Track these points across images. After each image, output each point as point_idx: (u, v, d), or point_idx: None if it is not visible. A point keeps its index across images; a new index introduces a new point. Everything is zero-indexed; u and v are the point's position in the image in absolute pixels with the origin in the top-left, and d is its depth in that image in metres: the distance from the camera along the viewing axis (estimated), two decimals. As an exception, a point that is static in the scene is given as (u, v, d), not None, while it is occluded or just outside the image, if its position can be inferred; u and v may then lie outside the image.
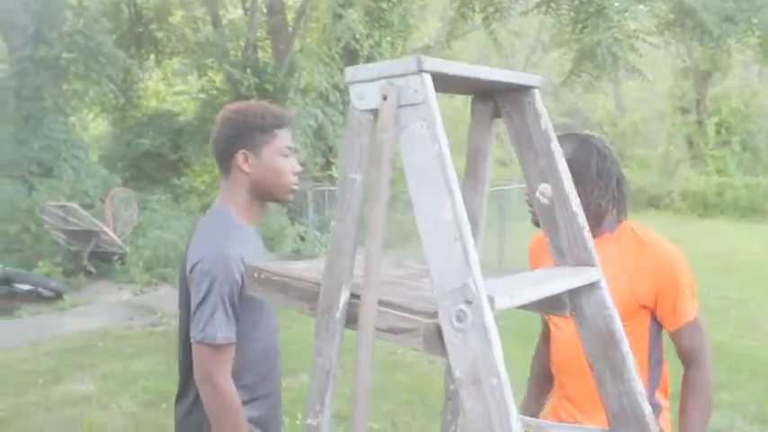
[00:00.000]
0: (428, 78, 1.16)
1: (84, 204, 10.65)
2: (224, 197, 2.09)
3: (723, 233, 15.76)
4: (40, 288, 8.38)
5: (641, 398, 1.37)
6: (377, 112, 1.21)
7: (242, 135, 2.03)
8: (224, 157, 2.07)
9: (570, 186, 1.40)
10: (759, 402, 5.30)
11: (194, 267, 1.91)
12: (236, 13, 18.35)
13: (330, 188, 12.95)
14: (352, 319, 1.24)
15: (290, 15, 16.03)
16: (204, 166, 17.01)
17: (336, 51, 13.39)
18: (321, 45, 14.20)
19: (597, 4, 6.00)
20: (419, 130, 1.15)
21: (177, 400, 2.12)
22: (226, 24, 16.56)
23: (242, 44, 15.33)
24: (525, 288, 1.17)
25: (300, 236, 11.99)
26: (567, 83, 7.53)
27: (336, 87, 13.42)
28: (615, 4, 6.00)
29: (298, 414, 5.03)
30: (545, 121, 1.41)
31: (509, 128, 1.45)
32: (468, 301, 1.08)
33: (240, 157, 2.03)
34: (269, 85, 14.04)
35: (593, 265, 1.39)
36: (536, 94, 1.42)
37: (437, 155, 1.13)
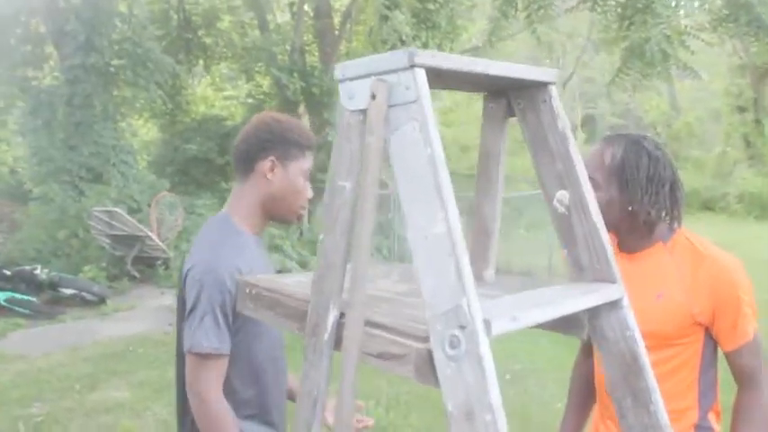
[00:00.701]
0: (421, 74, 1.04)
1: (131, 209, 10.76)
2: (233, 202, 2.03)
3: (782, 236, 15.22)
4: (83, 293, 8.46)
5: (668, 431, 1.22)
6: (367, 113, 1.09)
7: (278, 143, 1.98)
8: (249, 159, 1.99)
9: (590, 193, 1.26)
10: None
11: (187, 275, 1.87)
12: (283, 17, 18.41)
13: (380, 192, 12.83)
14: (342, 342, 1.12)
15: (336, 19, 16.00)
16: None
17: (384, 53, 13.31)
18: (367, 48, 14.13)
19: (645, -1, 5.79)
20: (411, 132, 1.03)
21: (180, 420, 2.04)
22: (273, 29, 16.59)
23: (289, 48, 15.35)
24: (530, 309, 1.04)
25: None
26: (615, 81, 7.28)
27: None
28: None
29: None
30: (562, 121, 1.27)
31: (523, 128, 1.32)
32: (462, 326, 0.95)
33: (268, 163, 1.97)
34: (315, 89, 14.04)
35: (614, 281, 1.24)
36: (552, 90, 1.28)
37: (429, 159, 1.00)
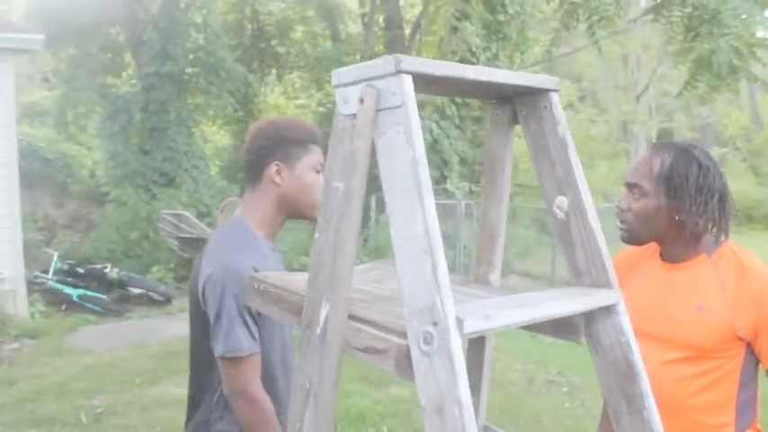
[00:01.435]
0: (407, 79, 1.08)
1: (201, 213, 11.06)
2: (247, 208, 2.04)
3: None
4: (151, 292, 8.76)
5: (661, 438, 1.22)
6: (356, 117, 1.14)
7: (276, 146, 1.98)
8: (255, 168, 2.01)
9: (588, 199, 1.27)
10: None
11: (207, 281, 1.86)
12: (354, 27, 18.66)
13: (445, 201, 12.83)
14: (333, 336, 1.17)
15: (407, 29, 16.13)
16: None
17: (453, 65, 13.33)
18: (437, 59, 14.15)
19: (711, 10, 5.65)
20: (395, 136, 1.07)
21: (188, 418, 2.10)
22: (344, 39, 16.85)
23: (359, 58, 15.53)
24: (507, 310, 1.06)
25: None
26: (684, 94, 7.13)
27: (452, 101, 13.35)
28: (732, 9, 5.63)
29: (384, 428, 5.00)
30: (563, 128, 1.29)
31: (526, 135, 1.35)
32: (435, 323, 0.98)
33: (273, 168, 1.97)
34: (385, 99, 14.13)
35: (610, 286, 1.25)
36: (554, 98, 1.30)
37: (411, 162, 1.04)
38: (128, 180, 11.62)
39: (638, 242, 1.94)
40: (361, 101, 1.10)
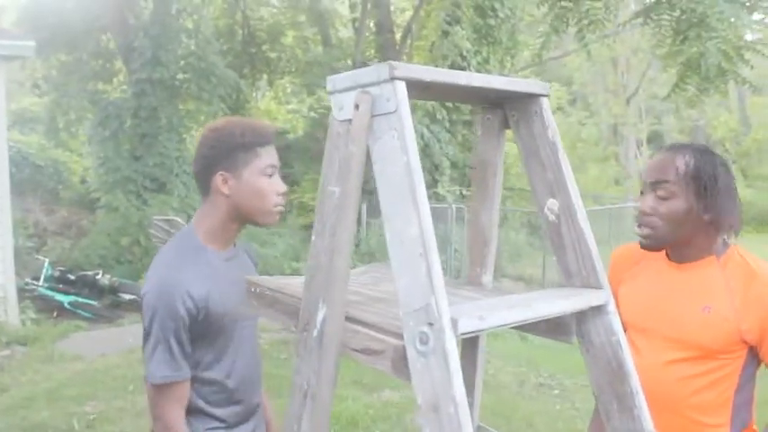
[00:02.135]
0: (401, 86, 1.10)
1: (191, 219, 11.05)
2: (198, 220, 1.95)
3: None
4: (142, 298, 8.74)
5: (651, 436, 1.25)
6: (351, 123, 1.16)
7: (220, 155, 1.86)
8: (202, 179, 1.91)
9: (578, 202, 1.30)
10: None
11: (142, 298, 1.80)
12: (345, 32, 18.69)
13: (436, 205, 12.86)
14: (330, 338, 1.19)
15: (397, 34, 16.17)
16: (313, 182, 17.40)
17: (443, 68, 13.38)
18: (428, 63, 14.23)
19: (700, 13, 5.71)
20: (390, 141, 1.09)
21: None
22: (335, 44, 16.87)
23: (350, 63, 15.57)
24: (500, 311, 1.08)
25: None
26: (672, 97, 7.19)
27: (443, 105, 13.39)
28: (720, 13, 5.68)
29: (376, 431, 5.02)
30: (553, 132, 1.32)
31: (517, 139, 1.37)
32: (431, 323, 1.01)
33: (218, 179, 1.86)
34: (377, 104, 14.16)
35: (600, 287, 1.28)
36: (544, 102, 1.33)
37: (405, 167, 1.06)
38: (119, 186, 11.62)
39: (662, 247, 1.89)
40: (357, 107, 1.13)
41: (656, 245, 1.88)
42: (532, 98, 1.33)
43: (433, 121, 13.74)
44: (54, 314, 8.36)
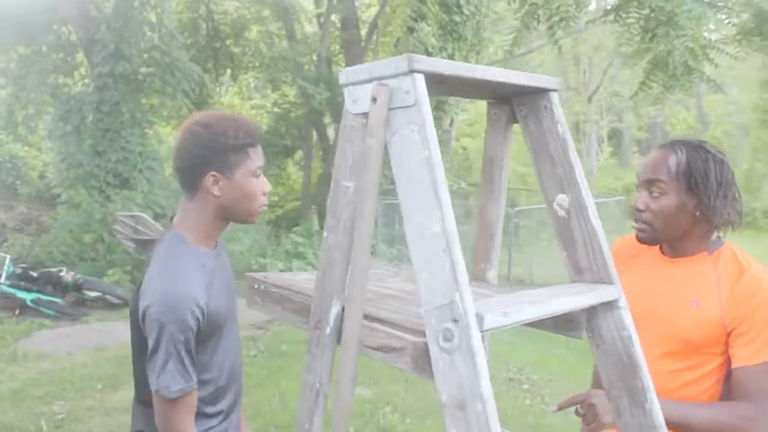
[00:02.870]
0: (420, 79, 1.09)
1: (156, 215, 10.89)
2: (185, 220, 1.89)
3: (810, 253, 15.01)
4: (107, 295, 8.58)
5: (663, 431, 1.25)
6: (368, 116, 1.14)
7: (213, 155, 1.80)
8: (190, 178, 1.84)
9: (589, 197, 1.30)
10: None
11: (146, 312, 1.74)
12: (310, 27, 18.58)
13: (391, 201, 12.85)
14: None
15: (363, 30, 16.11)
16: (277, 178, 17.29)
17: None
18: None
19: (668, 12, 5.77)
20: (409, 135, 1.08)
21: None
22: (300, 39, 16.75)
23: (315, 58, 15.49)
24: (522, 306, 1.08)
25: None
26: (639, 95, 7.26)
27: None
28: (688, 12, 5.76)
29: (350, 429, 4.99)
30: (562, 127, 1.31)
31: (525, 134, 1.36)
32: (456, 320, 0.99)
33: (210, 179, 1.81)
34: (341, 99, 14.10)
35: (611, 282, 1.28)
36: (553, 97, 1.33)
37: (427, 161, 1.05)
38: (81, 182, 11.36)
39: (657, 242, 1.91)
40: (374, 100, 1.11)
41: (651, 240, 1.89)
42: (542, 93, 1.33)
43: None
44: (16, 312, 8.16)
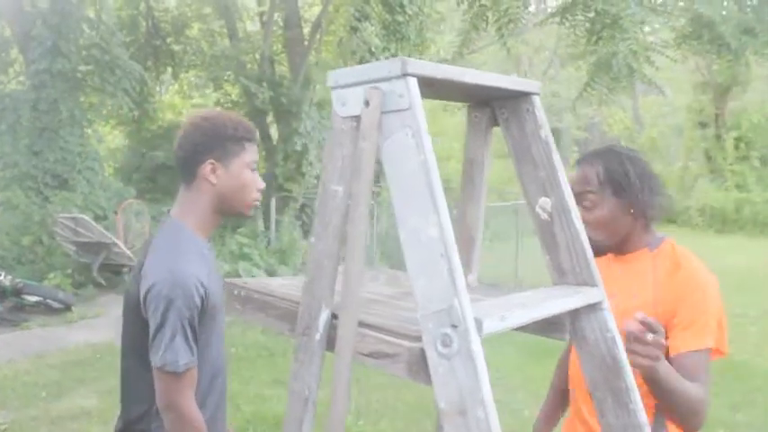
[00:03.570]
0: (413, 82, 1.08)
1: (97, 216, 10.65)
2: (182, 208, 1.98)
3: (742, 249, 15.50)
4: (48, 300, 8.33)
5: (646, 430, 1.27)
6: (360, 119, 1.12)
7: (212, 144, 1.92)
8: (189, 166, 1.94)
9: (572, 200, 1.31)
10: (778, 422, 5.15)
11: (150, 289, 1.79)
12: (253, 26, 18.38)
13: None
14: (333, 342, 1.15)
15: (306, 29, 16.02)
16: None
17: (352, 65, 13.35)
18: (337, 59, 14.19)
19: (613, 15, 5.90)
20: (404, 139, 1.07)
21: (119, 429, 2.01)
22: (242, 38, 16.56)
23: (258, 57, 15.33)
24: (518, 310, 1.08)
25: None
26: (583, 96, 7.41)
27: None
28: (632, 15, 5.89)
29: None
30: (545, 131, 1.32)
31: (507, 137, 1.37)
32: (454, 325, 0.99)
33: (208, 167, 1.92)
34: (284, 99, 14.02)
35: (594, 285, 1.29)
36: (536, 100, 1.33)
37: (422, 165, 1.04)
38: (17, 182, 11.01)
39: (604, 250, 1.94)
40: (366, 103, 1.09)
41: (598, 250, 1.94)
42: (524, 96, 1.33)
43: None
44: (-49, 318, 7.89)
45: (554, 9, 7.22)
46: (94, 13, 12.27)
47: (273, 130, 15.69)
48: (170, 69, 17.44)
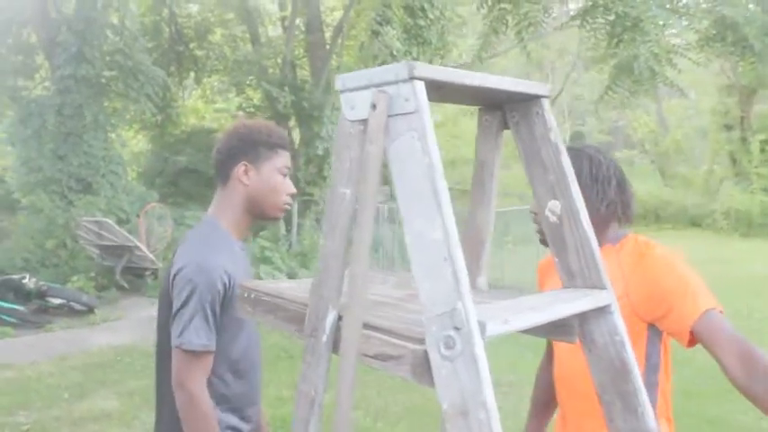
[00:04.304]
0: (420, 86, 1.08)
1: (120, 220, 10.77)
2: (216, 207, 2.11)
3: (767, 253, 15.32)
4: (72, 302, 8.45)
5: (656, 435, 1.26)
6: (367, 122, 1.13)
7: (247, 147, 2.06)
8: (224, 166, 2.08)
9: (581, 203, 1.30)
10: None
11: (177, 274, 1.92)
12: (274, 31, 18.51)
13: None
14: (339, 344, 1.15)
15: (327, 33, 16.10)
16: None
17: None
18: (358, 63, 14.24)
19: (634, 17, 5.86)
20: (409, 142, 1.07)
21: (158, 419, 2.11)
22: (264, 42, 16.68)
23: (280, 62, 15.43)
24: (523, 313, 1.08)
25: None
26: (604, 99, 7.37)
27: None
28: (653, 18, 5.85)
29: None
30: (555, 134, 1.32)
31: (517, 140, 1.37)
32: (457, 328, 0.99)
33: (241, 168, 2.05)
34: (306, 103, 14.10)
35: (603, 287, 1.28)
36: (545, 103, 1.33)
37: (428, 168, 1.04)
38: (41, 186, 11.18)
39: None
40: (374, 106, 1.10)
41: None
42: (534, 99, 1.33)
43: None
44: (-24, 320, 8.00)
45: (574, 12, 7.18)
46: (118, 20, 12.40)
47: (295, 135, 15.79)
48: (193, 74, 17.62)
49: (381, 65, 10.24)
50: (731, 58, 8.94)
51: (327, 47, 15.50)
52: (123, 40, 12.07)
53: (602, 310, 1.29)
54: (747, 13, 7.20)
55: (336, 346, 1.18)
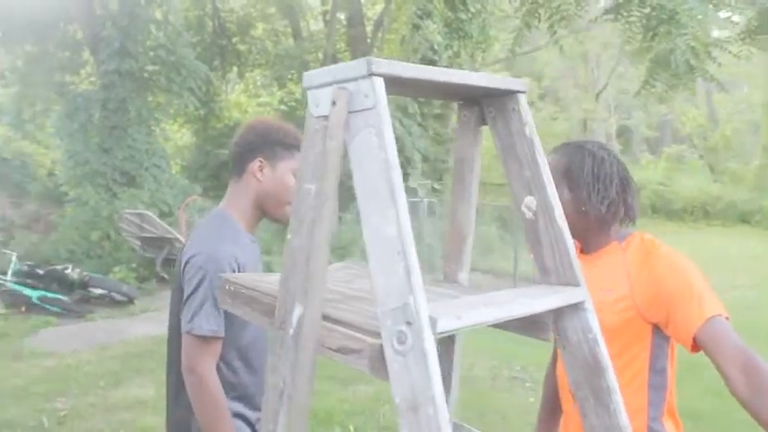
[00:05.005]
0: (379, 82, 1.09)
1: (163, 213, 10.96)
2: (228, 200, 2.16)
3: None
4: (113, 293, 8.64)
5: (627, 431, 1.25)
6: (328, 119, 1.14)
7: (264, 144, 2.11)
8: (240, 160, 2.13)
9: (555, 199, 1.30)
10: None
11: (188, 262, 1.98)
12: (316, 25, 18.61)
13: (407, 199, 12.83)
14: (306, 337, 1.17)
15: (368, 27, 16.13)
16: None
17: (414, 62, 13.34)
18: (399, 56, 14.23)
19: (669, 10, 5.75)
20: (368, 138, 1.08)
21: (169, 409, 2.19)
22: (306, 37, 16.79)
23: (321, 56, 15.51)
24: (478, 309, 1.08)
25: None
26: (642, 93, 7.25)
27: (415, 99, 13.40)
28: (689, 10, 5.74)
29: (350, 426, 5.00)
30: (530, 129, 1.31)
31: (494, 136, 1.36)
32: (409, 323, 1.00)
33: (257, 163, 2.10)
34: (349, 97, 14.12)
35: (577, 284, 1.28)
36: (521, 99, 1.33)
37: (384, 164, 1.05)
38: (88, 179, 11.45)
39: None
40: (334, 103, 1.11)
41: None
42: (510, 94, 1.33)
43: (405, 114, 13.72)
44: (22, 309, 8.23)
45: (609, 5, 7.08)
46: (162, 15, 12.60)
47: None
48: (236, 69, 17.81)
49: (422, 59, 10.18)
50: (777, 51, 8.69)
51: (368, 41, 15.54)
52: (167, 35, 12.27)
53: (575, 307, 1.28)
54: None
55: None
